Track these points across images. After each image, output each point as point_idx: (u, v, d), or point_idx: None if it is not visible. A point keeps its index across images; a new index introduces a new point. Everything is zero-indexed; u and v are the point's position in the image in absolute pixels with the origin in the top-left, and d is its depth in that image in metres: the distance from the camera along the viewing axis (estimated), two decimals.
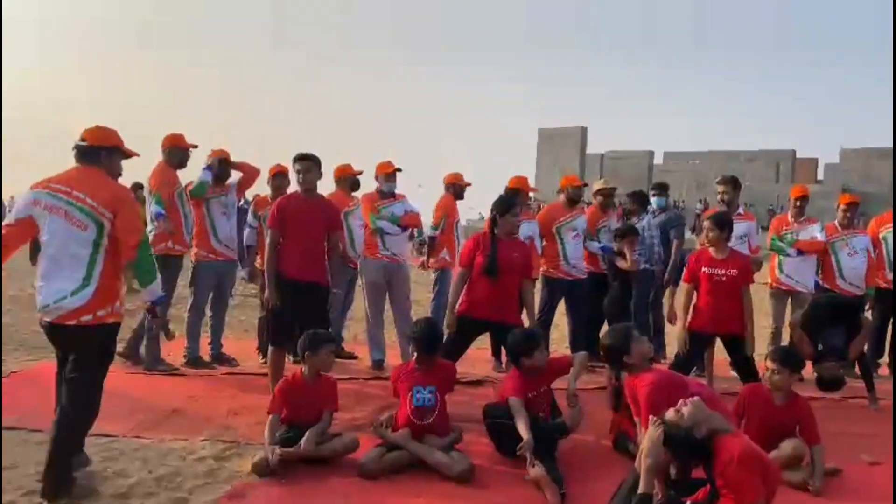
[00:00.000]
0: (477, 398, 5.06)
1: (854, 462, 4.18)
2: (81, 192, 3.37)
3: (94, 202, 3.37)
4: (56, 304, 3.36)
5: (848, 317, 5.56)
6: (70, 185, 3.40)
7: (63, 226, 3.35)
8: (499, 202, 4.86)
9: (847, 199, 6.81)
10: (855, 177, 37.16)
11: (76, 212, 3.35)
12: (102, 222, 3.38)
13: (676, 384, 3.62)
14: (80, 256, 3.35)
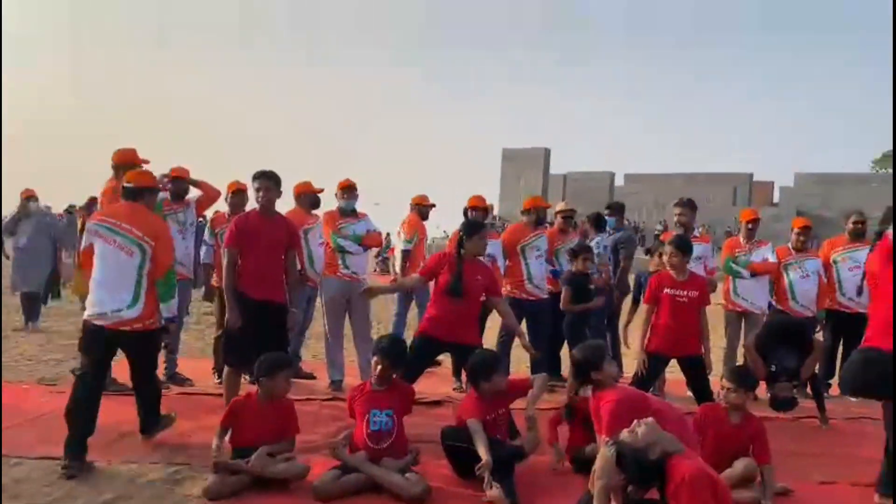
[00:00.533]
0: (436, 418, 5.03)
1: (804, 481, 4.24)
2: (129, 224, 4.21)
3: (139, 233, 4.20)
4: (114, 313, 4.15)
5: (800, 338, 5.68)
6: (119, 219, 4.25)
7: (112, 251, 4.18)
8: (467, 223, 4.90)
9: (801, 222, 6.98)
10: (809, 201, 38.19)
11: (124, 240, 4.19)
12: (146, 248, 4.20)
13: (639, 402, 3.66)
14: (130, 276, 4.17)
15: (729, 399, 4.09)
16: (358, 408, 4.15)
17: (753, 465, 3.89)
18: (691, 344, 5.09)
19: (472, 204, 6.36)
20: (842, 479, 4.31)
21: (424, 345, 4.83)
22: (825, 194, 37.61)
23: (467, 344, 4.70)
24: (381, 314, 12.13)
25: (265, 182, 4.88)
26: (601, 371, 3.79)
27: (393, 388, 4.19)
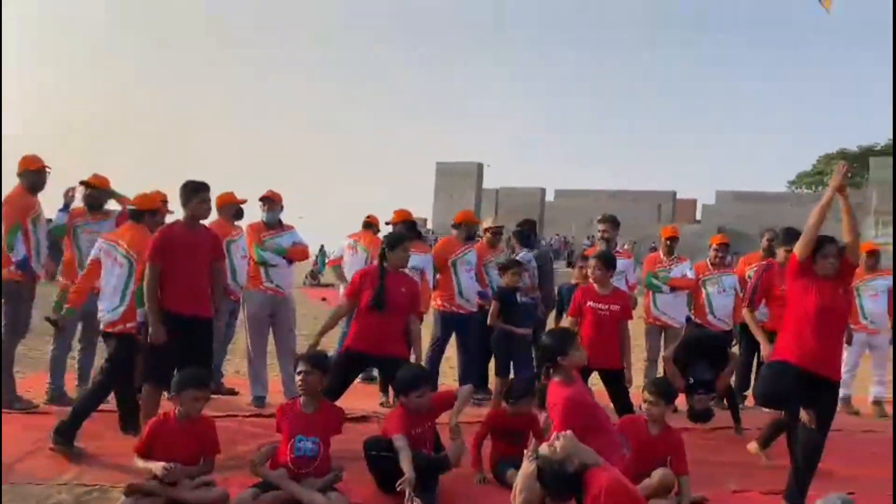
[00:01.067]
0: (361, 434, 4.96)
1: (719, 490, 4.38)
2: (125, 242, 4.92)
3: (127, 247, 4.89)
4: (105, 316, 4.89)
5: (716, 351, 5.89)
6: (121, 237, 5.00)
7: (110, 265, 4.92)
8: (389, 235, 4.88)
9: (718, 239, 7.23)
10: (729, 218, 39.74)
11: (119, 255, 4.90)
12: (133, 262, 4.84)
13: (588, 405, 3.84)
14: (119, 286, 4.87)
15: (649, 411, 4.19)
16: (284, 428, 4.05)
17: (671, 475, 3.99)
18: (613, 357, 5.21)
19: (396, 218, 6.34)
20: (754, 488, 4.48)
21: (350, 360, 4.78)
22: (744, 212, 39.20)
23: (394, 357, 4.68)
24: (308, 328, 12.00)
25: (208, 195, 4.76)
26: (567, 356, 3.92)
27: (322, 411, 4.09)
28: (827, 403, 4.11)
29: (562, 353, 3.95)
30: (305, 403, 4.07)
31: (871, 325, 7.09)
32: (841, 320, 4.13)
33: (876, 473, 4.97)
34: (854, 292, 6.99)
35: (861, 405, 7.15)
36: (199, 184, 4.72)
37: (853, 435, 6.14)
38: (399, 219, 6.35)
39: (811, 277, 4.01)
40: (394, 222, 6.33)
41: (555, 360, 3.96)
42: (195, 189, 4.69)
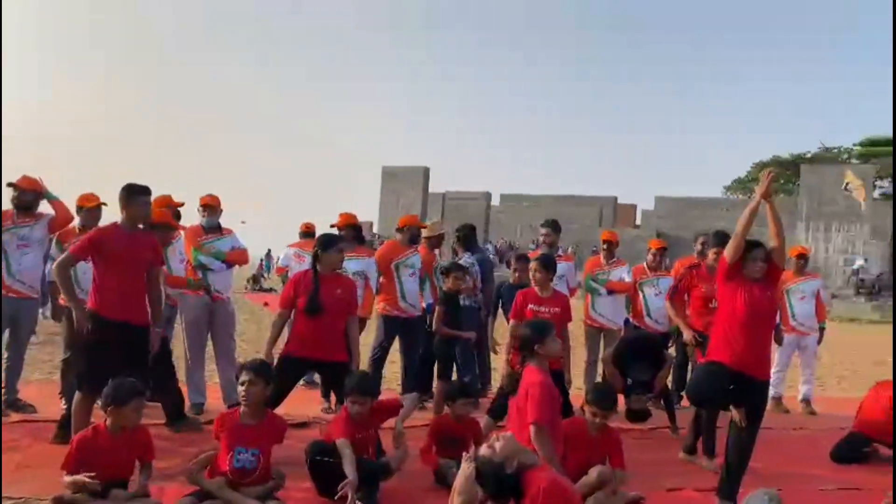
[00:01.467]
0: (302, 441, 4.90)
1: (655, 489, 4.48)
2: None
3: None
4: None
5: (653, 352, 6.05)
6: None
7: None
8: (321, 238, 4.83)
9: (656, 244, 7.42)
10: (668, 223, 40.72)
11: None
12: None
13: (556, 397, 4.01)
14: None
15: (593, 423, 4.28)
16: (224, 438, 3.96)
17: (607, 472, 4.06)
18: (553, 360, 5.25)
19: (341, 222, 6.29)
20: (688, 486, 4.59)
21: (289, 365, 4.71)
22: (682, 217, 40.21)
23: (334, 361, 4.64)
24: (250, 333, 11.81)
25: (149, 198, 4.64)
26: (545, 345, 4.09)
27: (264, 423, 4.00)
28: (757, 402, 4.25)
29: (539, 342, 4.10)
30: (246, 414, 3.98)
31: (801, 326, 7.37)
32: (769, 322, 4.28)
33: (805, 470, 5.19)
34: (784, 295, 7.27)
35: (791, 404, 7.42)
36: (140, 187, 4.60)
37: (784, 433, 6.37)
38: (344, 222, 6.31)
39: (740, 280, 4.15)
40: (339, 226, 6.27)
41: (532, 349, 4.12)
42: (136, 192, 4.57)
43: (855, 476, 5.07)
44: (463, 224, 7.35)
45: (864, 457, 5.58)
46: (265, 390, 4.00)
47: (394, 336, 6.39)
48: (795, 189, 40.98)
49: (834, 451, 5.57)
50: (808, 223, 32.20)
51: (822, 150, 44.83)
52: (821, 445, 5.75)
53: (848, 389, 9.36)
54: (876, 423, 5.57)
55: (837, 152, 49.87)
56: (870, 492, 4.56)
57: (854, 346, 15.82)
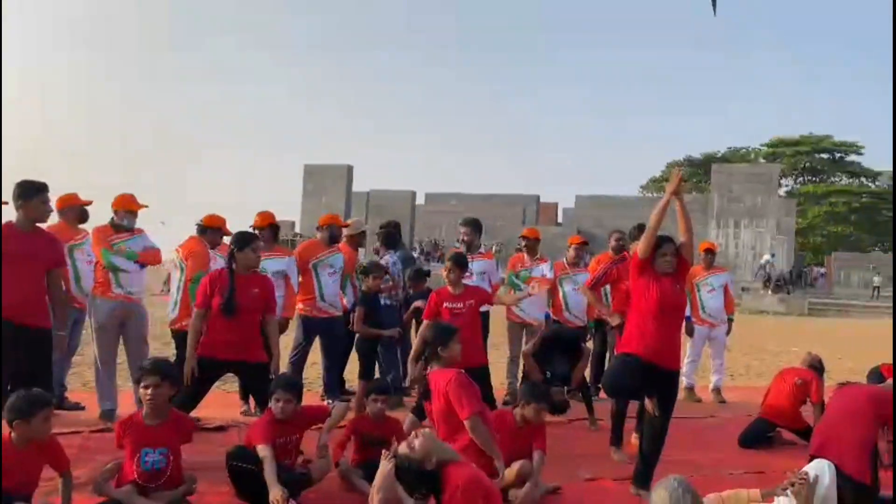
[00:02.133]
0: (219, 444, 4.79)
1: (573, 480, 4.59)
2: (183, 251, 5.70)
3: (183, 255, 5.68)
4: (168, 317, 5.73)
5: (572, 346, 6.19)
6: (182, 248, 5.73)
7: (174, 272, 5.80)
8: (237, 237, 4.71)
9: (576, 240, 7.59)
10: (587, 221, 41.78)
11: (178, 262, 5.72)
12: (183, 268, 5.64)
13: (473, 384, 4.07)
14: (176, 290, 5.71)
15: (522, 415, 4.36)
16: (128, 443, 3.81)
17: (528, 466, 4.14)
18: (477, 354, 5.29)
19: (260, 222, 6.16)
20: (605, 476, 4.72)
21: (205, 367, 4.58)
22: (601, 215, 41.31)
23: (252, 362, 4.54)
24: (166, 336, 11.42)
25: (48, 195, 4.41)
26: (448, 348, 4.19)
27: (169, 421, 3.88)
28: (669, 392, 4.41)
29: (442, 345, 4.18)
30: (149, 415, 3.85)
31: (710, 318, 7.68)
32: (679, 314, 4.45)
33: (715, 455, 5.42)
34: (695, 289, 7.57)
35: (703, 393, 7.73)
36: (39, 184, 4.37)
37: (696, 421, 6.63)
38: (264, 222, 6.17)
39: (651, 274, 4.29)
40: (258, 226, 6.14)
41: (435, 352, 4.19)
42: (34, 189, 4.34)
43: (760, 460, 5.33)
44: (387, 221, 7.34)
45: (769, 441, 5.88)
46: (169, 391, 3.88)
47: (313, 336, 6.30)
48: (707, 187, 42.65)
49: (742, 437, 5.84)
50: (719, 220, 33.62)
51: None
52: (730, 432, 6.02)
53: (755, 378, 9.83)
54: (780, 409, 5.87)
55: (746, 152, 52.30)
56: (773, 473, 4.79)
57: (761, 336, 16.63)
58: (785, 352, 13.24)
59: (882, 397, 4.52)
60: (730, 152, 51.59)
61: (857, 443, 4.25)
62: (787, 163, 48.32)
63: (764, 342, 15.48)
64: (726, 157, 50.05)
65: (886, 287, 32.56)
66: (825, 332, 19.51)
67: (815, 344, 14.00)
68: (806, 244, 45.10)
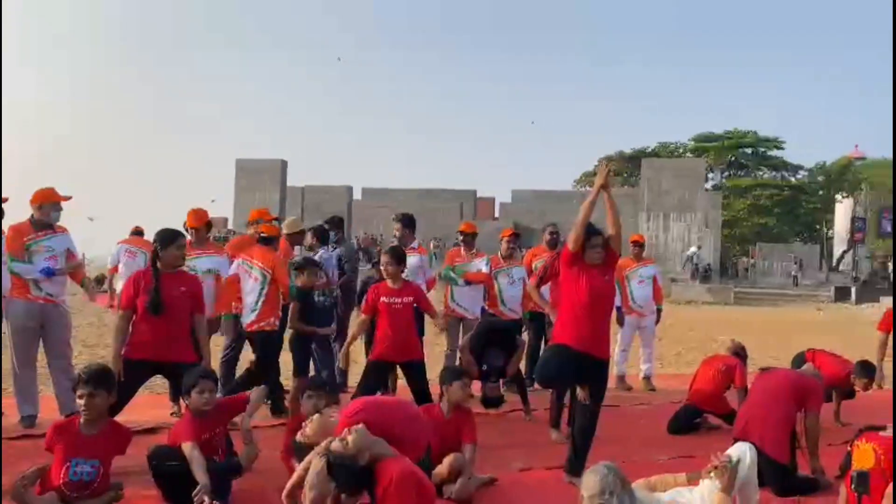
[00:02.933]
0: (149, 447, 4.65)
1: (507, 470, 4.65)
2: (259, 261, 5.79)
3: (262, 265, 5.77)
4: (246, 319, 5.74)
5: (507, 339, 6.26)
6: (253, 256, 5.84)
7: (246, 279, 5.80)
8: (161, 234, 4.58)
9: (507, 232, 7.66)
10: (524, 215, 42.22)
11: (255, 272, 5.77)
12: (266, 276, 5.73)
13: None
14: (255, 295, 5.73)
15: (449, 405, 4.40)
16: (59, 449, 3.67)
17: (461, 459, 4.17)
18: (411, 349, 5.30)
19: (194, 220, 5.99)
20: (538, 465, 4.80)
21: (132, 369, 4.44)
22: (537, 209, 41.81)
23: (180, 363, 4.43)
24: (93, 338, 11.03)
25: None
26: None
27: (105, 432, 3.76)
28: (599, 380, 4.51)
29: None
30: (86, 424, 3.73)
31: (640, 308, 7.88)
32: (608, 304, 4.55)
33: (645, 442, 5.58)
34: (624, 280, 7.75)
35: (633, 381, 7.93)
36: None
37: (626, 409, 6.81)
38: (198, 222, 6.01)
39: (581, 266, 4.37)
40: (192, 225, 5.97)
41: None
42: None
43: (688, 444, 5.51)
44: (331, 216, 7.29)
45: (696, 427, 6.08)
46: (107, 399, 3.77)
47: (244, 336, 6.17)
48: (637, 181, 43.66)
49: (670, 423, 6.03)
50: (649, 213, 34.49)
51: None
52: (659, 418, 6.20)
53: (684, 366, 10.14)
54: (705, 395, 6.07)
55: (674, 147, 53.77)
56: (699, 457, 4.95)
57: (690, 325, 17.17)
58: (712, 340, 13.70)
59: (800, 382, 4.74)
60: (659, 147, 52.94)
61: (776, 425, 4.45)
62: (713, 157, 49.90)
63: (692, 331, 15.98)
64: (656, 151, 51.32)
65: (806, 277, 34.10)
66: (749, 320, 20.29)
67: (740, 332, 14.56)
68: (732, 236, 46.74)
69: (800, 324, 19.48)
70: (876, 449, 3.61)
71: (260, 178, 43.06)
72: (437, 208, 42.80)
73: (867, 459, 3.60)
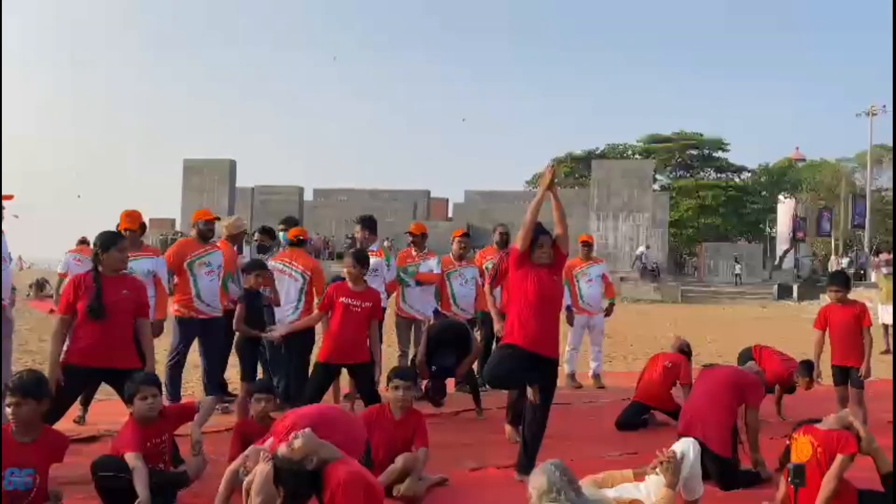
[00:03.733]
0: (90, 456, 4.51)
1: (459, 470, 4.66)
2: (299, 263, 6.20)
3: (304, 269, 6.18)
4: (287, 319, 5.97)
5: (460, 339, 6.28)
6: (293, 258, 6.23)
7: (286, 280, 6.15)
8: (101, 237, 4.46)
9: (458, 233, 7.68)
10: (477, 215, 42.40)
11: (295, 273, 6.15)
12: (307, 277, 6.12)
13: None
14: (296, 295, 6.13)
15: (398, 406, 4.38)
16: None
17: (411, 459, 4.17)
18: (361, 351, 5.26)
19: (127, 224, 5.84)
20: (490, 465, 4.82)
21: (72, 377, 4.31)
22: (489, 209, 42.03)
23: (125, 369, 4.31)
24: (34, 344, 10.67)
25: None
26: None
27: (40, 440, 3.64)
28: (548, 380, 4.56)
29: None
30: (18, 432, 3.60)
31: (589, 307, 7.99)
32: (556, 304, 4.61)
33: (594, 439, 5.66)
34: (573, 279, 7.85)
35: (583, 379, 8.04)
36: None
37: (576, 406, 6.89)
38: (133, 224, 5.86)
39: (529, 266, 4.42)
40: (127, 227, 5.82)
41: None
42: None
43: (635, 441, 5.61)
44: (286, 217, 7.21)
45: (644, 423, 6.19)
46: (38, 407, 3.65)
47: (192, 338, 6.05)
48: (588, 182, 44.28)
49: (618, 420, 6.13)
50: (599, 213, 34.95)
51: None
52: (608, 416, 6.30)
53: (632, 363, 10.32)
54: (652, 392, 6.19)
55: (623, 148, 54.73)
56: (646, 453, 5.04)
57: (639, 323, 17.49)
58: (660, 336, 13.98)
59: (740, 379, 4.87)
60: (608, 148, 53.81)
61: (719, 421, 4.57)
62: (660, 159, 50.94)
63: (641, 328, 16.28)
64: (605, 153, 52.16)
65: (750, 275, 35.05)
66: (697, 317, 20.77)
67: (687, 329, 14.91)
68: (679, 235, 47.78)
69: (745, 320, 20.03)
70: (813, 442, 3.74)
71: (208, 178, 42.21)
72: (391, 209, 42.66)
73: (804, 452, 3.73)
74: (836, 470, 3.61)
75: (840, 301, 5.97)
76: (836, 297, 6.02)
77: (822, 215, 41.57)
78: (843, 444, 3.66)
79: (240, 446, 4.38)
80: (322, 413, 3.86)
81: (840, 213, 42.19)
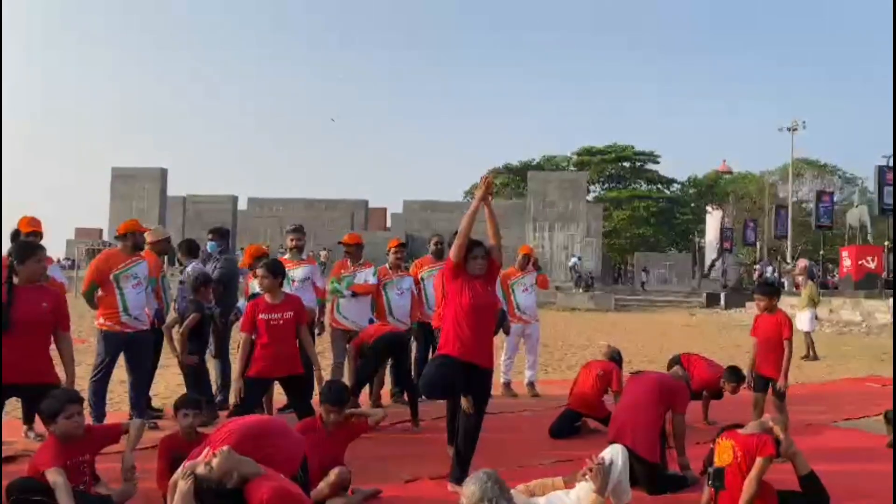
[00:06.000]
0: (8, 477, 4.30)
1: (393, 482, 4.62)
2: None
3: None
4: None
5: (396, 349, 6.26)
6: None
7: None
8: (18, 247, 4.27)
9: (394, 243, 7.64)
10: (415, 225, 42.46)
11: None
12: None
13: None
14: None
15: (330, 420, 4.31)
16: None
17: (345, 472, 4.12)
18: (292, 364, 5.15)
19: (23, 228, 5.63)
20: (423, 476, 4.80)
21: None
22: (428, 219, 42.16)
23: (35, 384, 4.12)
24: None
25: None
26: None
27: None
28: (482, 389, 4.58)
29: None
30: None
31: (524, 316, 8.07)
32: (490, 314, 4.63)
33: (529, 447, 5.70)
34: (509, 289, 7.93)
35: (518, 388, 8.10)
36: None
37: (511, 415, 6.94)
38: (28, 229, 5.67)
39: (464, 277, 4.44)
40: (24, 232, 5.61)
41: None
42: None
43: (569, 448, 5.67)
44: (216, 227, 7.07)
45: (577, 430, 6.28)
46: None
47: (117, 353, 5.83)
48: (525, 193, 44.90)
49: (552, 428, 6.20)
50: (535, 223, 35.47)
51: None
52: (542, 424, 6.35)
53: (567, 371, 10.47)
54: (584, 399, 6.28)
55: (559, 159, 55.77)
56: (579, 460, 5.12)
57: (573, 332, 17.78)
58: (594, 345, 14.24)
59: (667, 385, 5.00)
60: (544, 160, 54.73)
61: (646, 426, 4.67)
62: (594, 170, 52.11)
63: (575, 337, 16.55)
64: (541, 164, 53.02)
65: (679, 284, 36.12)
66: (629, 325, 21.25)
67: (620, 337, 15.23)
68: (612, 245, 48.91)
69: (674, 328, 20.61)
70: (734, 446, 3.86)
71: (137, 187, 40.95)
72: (328, 218, 42.27)
73: (726, 456, 3.85)
74: (755, 472, 3.74)
75: (766, 310, 6.13)
76: (761, 307, 6.20)
77: (747, 225, 43.28)
78: (762, 447, 3.79)
79: (166, 462, 4.25)
80: (258, 425, 3.77)
81: (764, 224, 44.01)
